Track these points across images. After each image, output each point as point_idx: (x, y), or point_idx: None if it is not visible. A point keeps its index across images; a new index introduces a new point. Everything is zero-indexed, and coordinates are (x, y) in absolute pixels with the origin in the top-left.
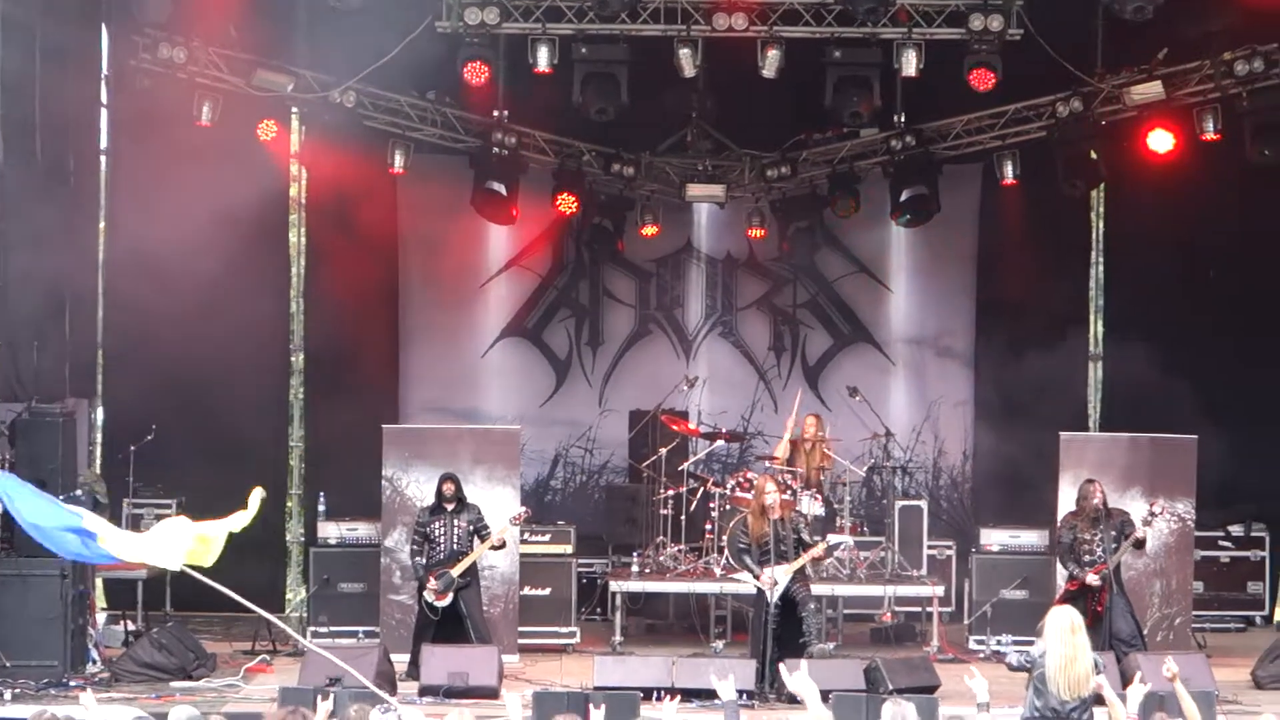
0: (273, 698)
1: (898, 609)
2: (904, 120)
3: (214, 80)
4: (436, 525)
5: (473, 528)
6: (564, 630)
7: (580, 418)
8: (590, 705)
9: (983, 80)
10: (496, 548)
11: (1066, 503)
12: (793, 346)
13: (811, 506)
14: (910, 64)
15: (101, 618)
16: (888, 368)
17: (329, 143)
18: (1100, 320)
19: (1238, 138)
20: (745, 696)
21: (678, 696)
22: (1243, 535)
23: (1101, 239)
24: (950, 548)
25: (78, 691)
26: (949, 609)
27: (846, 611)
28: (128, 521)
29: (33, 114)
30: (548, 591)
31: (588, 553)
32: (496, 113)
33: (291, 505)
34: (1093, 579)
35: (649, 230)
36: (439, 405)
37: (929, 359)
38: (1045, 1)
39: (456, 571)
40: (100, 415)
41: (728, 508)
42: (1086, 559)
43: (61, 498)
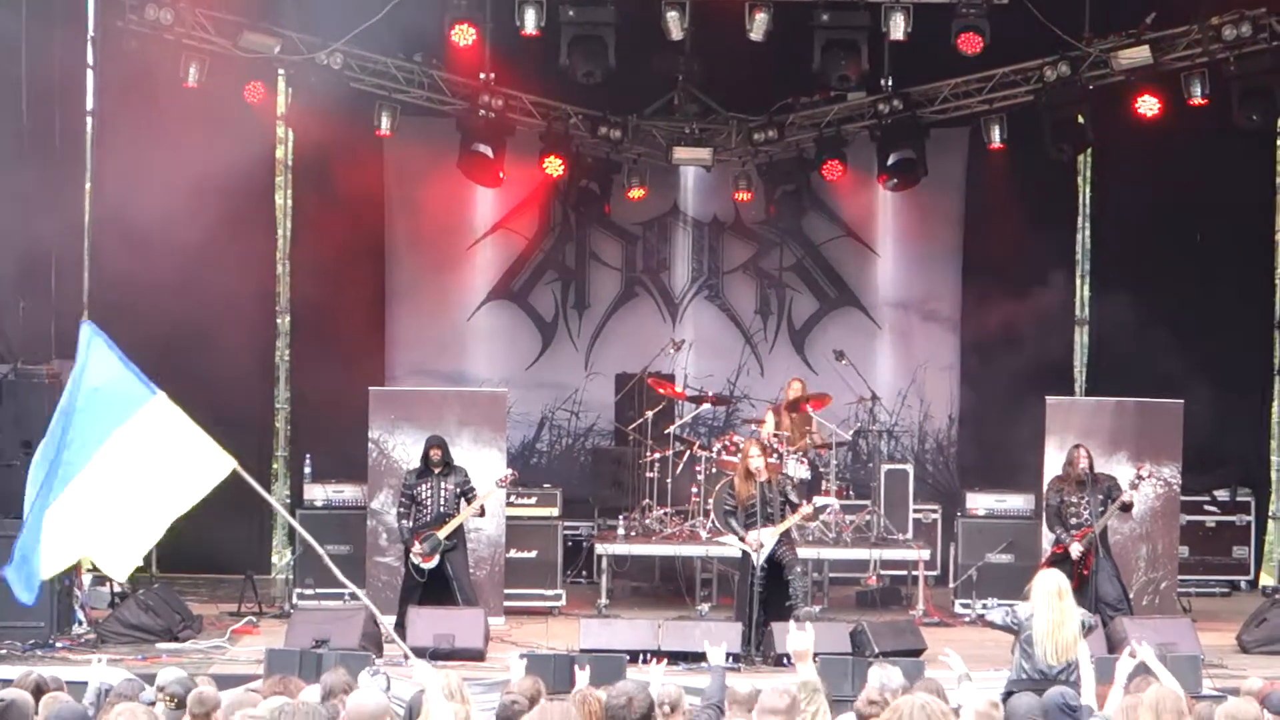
0: (259, 659)
1: (883, 573)
2: (891, 84)
3: (201, 42)
4: (423, 488)
5: (459, 490)
6: (550, 593)
7: (566, 380)
8: (576, 667)
9: (970, 44)
10: (478, 516)
11: (1052, 467)
12: (779, 310)
13: (797, 470)
14: (898, 27)
15: (87, 579)
16: (874, 331)
17: (315, 105)
18: (1086, 285)
19: (1225, 102)
20: (731, 659)
21: (664, 659)
22: (1228, 500)
23: (1088, 203)
24: (936, 512)
25: (64, 653)
26: (934, 573)
27: (832, 575)
28: None
29: (18, 75)
30: (534, 554)
31: (574, 515)
32: (483, 75)
33: (277, 467)
34: (1075, 548)
35: (636, 193)
36: (425, 368)
37: (915, 323)
38: None
39: (443, 534)
40: None
41: (714, 471)
42: (1073, 523)
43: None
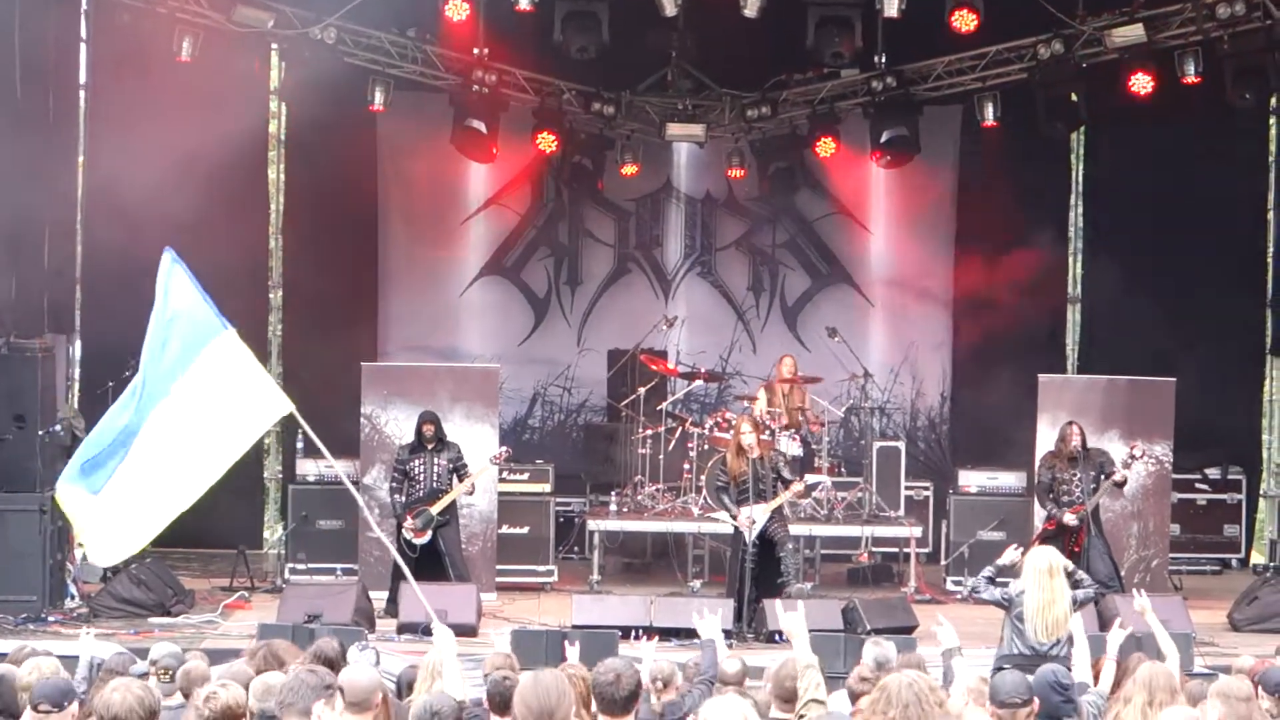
0: (251, 634)
1: (875, 550)
2: (885, 61)
3: (194, 16)
4: (416, 463)
5: (452, 466)
6: (542, 569)
7: (559, 357)
8: (567, 643)
9: (964, 21)
10: (466, 495)
11: (1044, 445)
12: (771, 287)
13: (790, 447)
14: (892, 5)
15: (79, 553)
16: (866, 309)
17: (309, 79)
18: (1079, 262)
19: (1218, 81)
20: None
21: (656, 635)
22: (1220, 478)
23: (1081, 181)
24: (928, 489)
25: (57, 627)
26: (926, 550)
27: (824, 552)
28: None
29: (12, 49)
30: (526, 530)
31: (566, 492)
32: (477, 50)
33: (270, 442)
34: (1070, 518)
35: (629, 169)
36: (418, 343)
37: (908, 300)
38: None
39: (435, 509)
40: (78, 350)
41: (706, 448)
42: (1065, 499)
43: (41, 432)
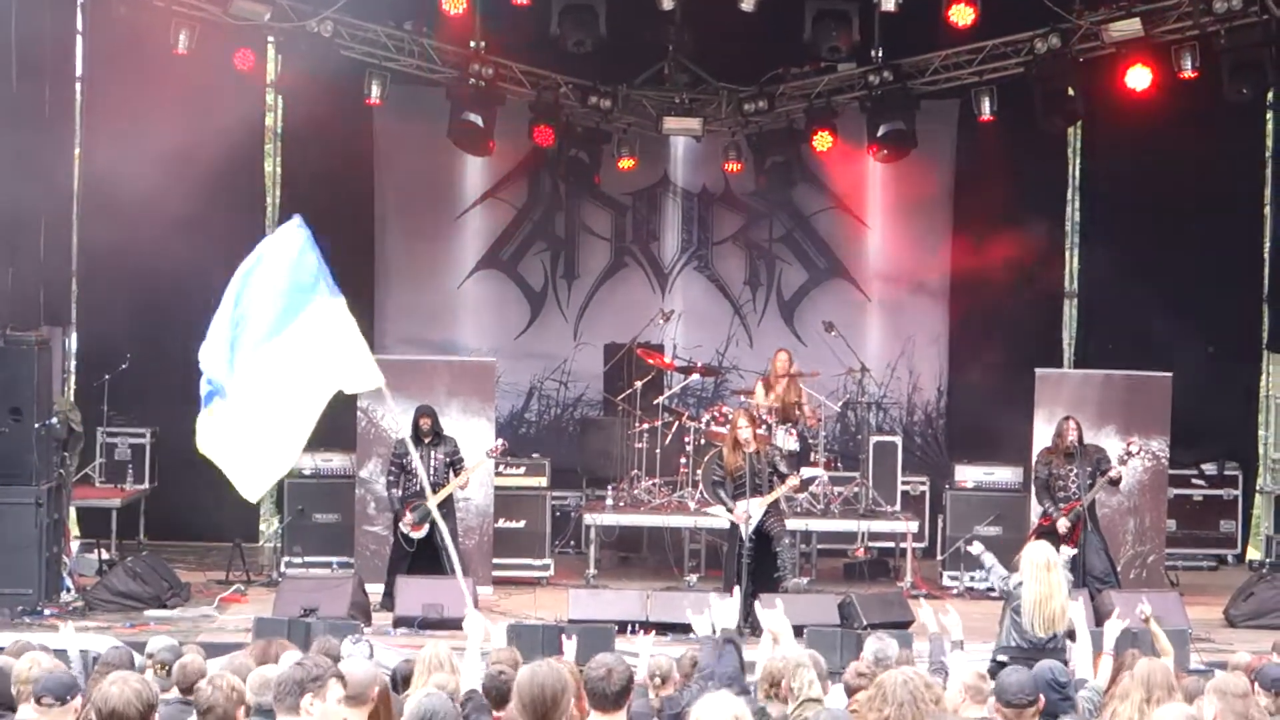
0: (247, 628)
1: (871, 544)
2: (882, 55)
3: (191, 8)
4: (413, 457)
5: (449, 460)
6: (538, 563)
7: (555, 350)
8: (564, 637)
9: (962, 15)
10: (460, 488)
11: (1041, 440)
12: (768, 281)
13: (786, 441)
14: None
15: (75, 546)
16: (863, 303)
17: (306, 72)
18: (1075, 257)
19: (1215, 75)
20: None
21: (653, 630)
22: (1216, 474)
23: (1078, 176)
24: (924, 484)
25: (53, 620)
26: (922, 545)
27: (820, 547)
28: (101, 450)
29: (8, 41)
30: (522, 524)
31: (562, 486)
32: (474, 44)
33: None
34: (1062, 524)
35: (625, 163)
36: (414, 337)
37: (904, 295)
38: None
39: (432, 503)
40: (74, 343)
41: (702, 442)
42: (1061, 495)
43: (37, 425)
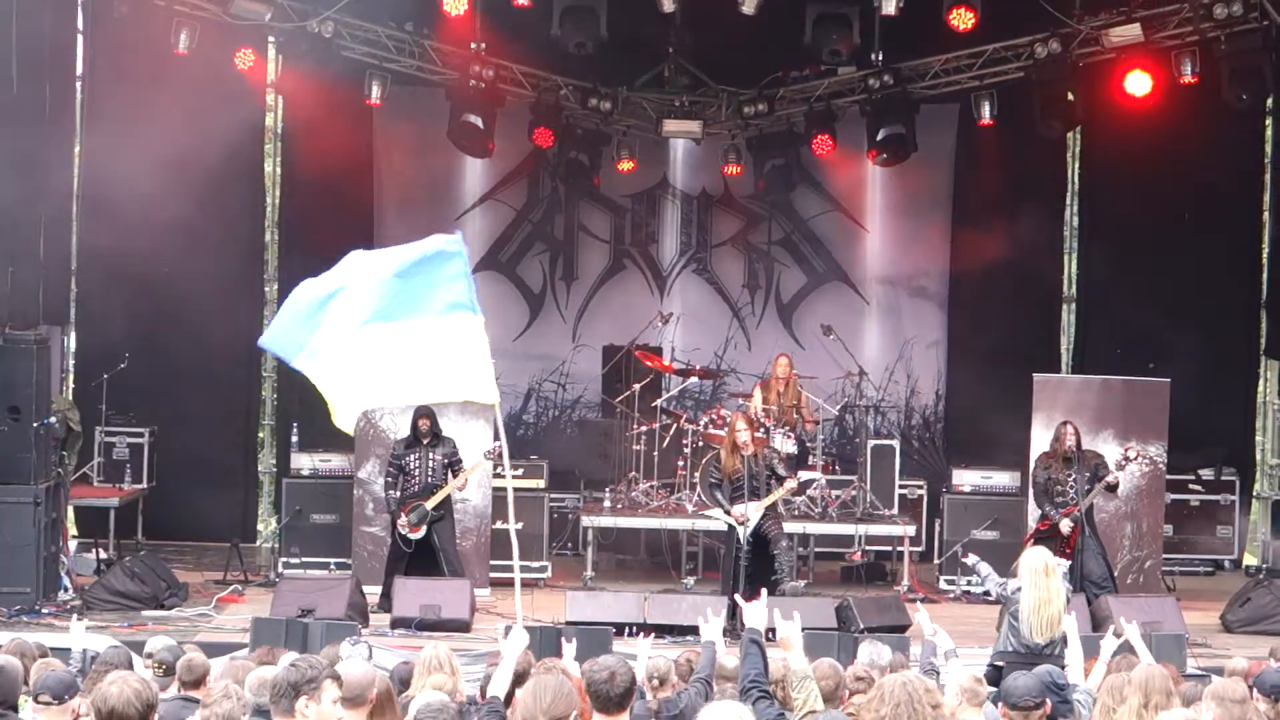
0: (245, 628)
1: (868, 548)
2: (882, 59)
3: (191, 8)
4: (411, 458)
5: (447, 461)
6: (535, 565)
7: (554, 352)
8: (562, 640)
9: (962, 20)
10: (459, 489)
11: (1039, 444)
12: (767, 284)
13: (784, 444)
14: (890, 2)
15: (73, 545)
16: (862, 307)
17: (306, 73)
18: (1074, 262)
19: (1215, 81)
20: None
21: (651, 632)
22: (1213, 479)
23: (1077, 180)
24: (921, 488)
25: (50, 619)
26: (919, 549)
27: (817, 550)
28: (99, 449)
29: (9, 41)
30: (520, 526)
31: (560, 488)
32: (474, 45)
33: (264, 436)
34: (1064, 524)
35: (625, 165)
36: None
37: (903, 299)
38: None
39: (430, 504)
40: (73, 342)
41: (700, 445)
42: (1059, 500)
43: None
